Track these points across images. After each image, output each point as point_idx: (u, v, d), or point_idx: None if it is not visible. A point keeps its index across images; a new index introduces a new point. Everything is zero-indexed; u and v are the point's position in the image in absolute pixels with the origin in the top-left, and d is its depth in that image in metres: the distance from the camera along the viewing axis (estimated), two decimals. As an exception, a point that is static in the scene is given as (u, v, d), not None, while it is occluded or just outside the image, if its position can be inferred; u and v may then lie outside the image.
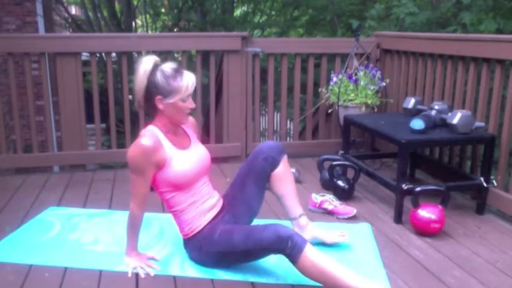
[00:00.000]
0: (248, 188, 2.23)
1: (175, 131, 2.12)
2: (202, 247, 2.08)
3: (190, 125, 2.23)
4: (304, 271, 1.87)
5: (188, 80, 2.00)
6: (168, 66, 2.01)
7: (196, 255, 2.15)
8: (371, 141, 3.97)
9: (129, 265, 2.13)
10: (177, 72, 2.00)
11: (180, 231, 2.17)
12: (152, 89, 1.99)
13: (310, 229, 2.34)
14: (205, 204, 2.14)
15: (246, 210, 2.25)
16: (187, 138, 2.18)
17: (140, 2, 8.88)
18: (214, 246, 2.05)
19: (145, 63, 2.00)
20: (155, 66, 2.00)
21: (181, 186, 2.07)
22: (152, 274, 2.08)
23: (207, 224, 2.12)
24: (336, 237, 2.34)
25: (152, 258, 2.20)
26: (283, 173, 2.27)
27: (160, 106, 2.01)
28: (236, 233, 2.02)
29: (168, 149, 2.03)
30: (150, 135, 2.01)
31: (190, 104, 2.05)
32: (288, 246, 1.85)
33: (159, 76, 1.98)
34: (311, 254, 1.85)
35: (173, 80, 1.98)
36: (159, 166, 2.02)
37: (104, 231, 2.52)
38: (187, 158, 2.08)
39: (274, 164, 2.25)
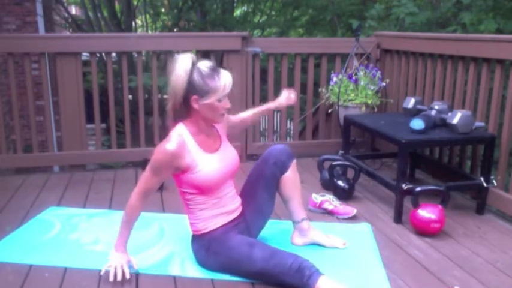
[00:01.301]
0: (259, 195, 2.21)
1: (207, 131, 2.06)
2: (211, 248, 2.06)
3: (223, 123, 2.19)
4: None
5: (226, 79, 1.93)
6: (205, 65, 1.93)
7: (202, 255, 2.11)
8: (371, 141, 3.97)
9: (110, 261, 2.04)
10: (215, 71, 1.93)
11: (191, 226, 2.13)
12: (189, 89, 1.91)
13: (311, 233, 2.34)
14: (225, 208, 2.11)
15: (258, 217, 2.24)
16: (218, 140, 2.12)
17: (140, 2, 8.88)
18: (229, 251, 2.02)
19: (184, 62, 1.90)
20: (193, 65, 1.92)
21: (205, 189, 2.03)
22: (120, 278, 1.99)
23: (221, 226, 2.09)
24: (336, 243, 2.34)
25: (131, 266, 2.09)
26: (292, 178, 2.25)
27: (195, 106, 1.93)
28: (258, 248, 1.99)
29: (194, 152, 1.98)
30: (177, 139, 1.95)
31: (226, 104, 1.98)
32: (305, 276, 1.84)
33: (196, 75, 1.90)
34: (326, 286, 1.83)
35: (211, 79, 1.91)
36: (182, 169, 1.97)
37: (104, 231, 2.52)
38: (214, 162, 2.02)
39: (284, 169, 2.22)
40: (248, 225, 2.19)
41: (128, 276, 2.02)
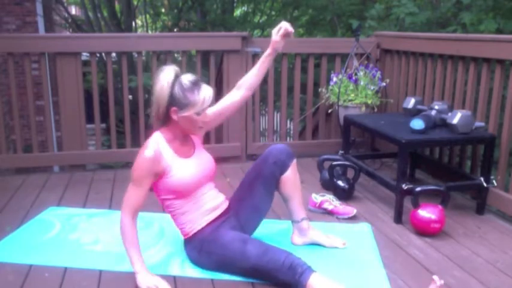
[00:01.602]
0: (256, 191, 2.22)
1: (182, 139, 2.10)
2: (203, 248, 2.08)
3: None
4: None
5: (205, 94, 1.97)
6: (187, 78, 1.98)
7: (195, 257, 2.13)
8: (371, 141, 3.97)
9: (145, 285, 1.95)
10: (195, 85, 1.97)
11: (181, 232, 2.16)
12: (170, 100, 1.95)
13: (311, 233, 2.35)
14: (206, 206, 2.13)
15: (253, 213, 2.24)
16: (192, 147, 2.16)
17: (140, 2, 8.88)
18: (222, 249, 2.03)
19: (168, 74, 1.95)
20: (176, 77, 1.97)
21: (181, 193, 2.06)
22: None
23: (208, 225, 2.11)
24: (336, 243, 2.35)
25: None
26: (292, 177, 2.27)
27: (174, 117, 1.98)
28: (251, 245, 2.00)
29: (169, 158, 2.02)
30: (153, 145, 2.00)
31: (205, 118, 2.02)
32: (297, 273, 1.86)
33: (177, 88, 1.95)
34: (317, 283, 1.85)
35: (191, 93, 1.95)
36: (159, 175, 2.02)
37: (104, 231, 2.52)
38: (188, 166, 2.06)
39: (284, 168, 2.23)
40: (241, 221, 2.20)
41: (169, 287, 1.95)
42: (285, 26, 2.20)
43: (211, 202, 2.15)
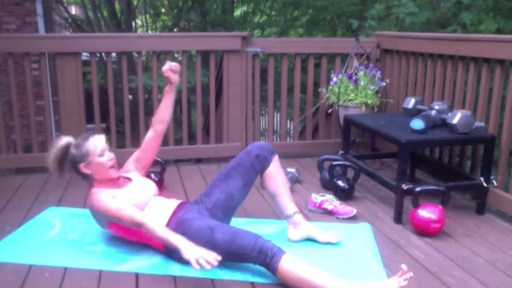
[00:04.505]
0: (233, 179, 2.30)
1: (112, 184, 2.30)
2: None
3: (128, 172, 2.46)
4: (283, 281, 1.94)
5: (93, 139, 2.25)
6: (78, 138, 2.28)
7: (180, 259, 2.10)
8: (371, 141, 3.97)
9: (192, 256, 1.89)
10: (83, 139, 2.26)
11: (159, 248, 2.22)
12: (73, 162, 2.26)
13: (304, 227, 2.37)
14: (158, 213, 2.22)
15: (226, 198, 2.29)
16: (127, 181, 2.37)
17: (140, 2, 8.88)
18: (194, 241, 1.98)
19: (60, 145, 2.28)
20: (66, 145, 2.28)
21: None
22: (209, 267, 1.86)
23: (168, 223, 2.17)
24: (330, 238, 2.36)
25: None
26: (275, 172, 2.36)
27: (87, 171, 2.26)
28: (219, 232, 2.03)
29: (112, 192, 2.22)
30: (94, 192, 2.23)
31: (109, 157, 2.25)
32: (268, 256, 1.92)
33: (71, 151, 2.26)
34: (287, 266, 1.91)
35: (82, 146, 2.24)
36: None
37: (104, 231, 2.52)
38: (128, 191, 2.26)
39: (266, 163, 2.34)
40: (207, 203, 2.28)
41: (218, 258, 1.90)
42: (169, 64, 2.38)
43: (162, 208, 2.25)
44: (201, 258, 1.87)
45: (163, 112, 2.48)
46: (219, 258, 1.88)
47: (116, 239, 2.40)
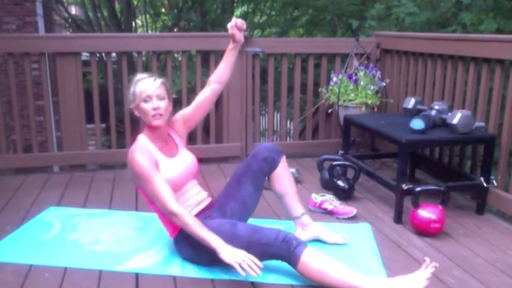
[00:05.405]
0: (244, 186, 2.26)
1: (162, 138, 2.19)
2: (193, 243, 2.03)
3: (178, 131, 2.31)
4: (304, 274, 1.92)
5: (144, 82, 2.10)
6: (139, 77, 2.16)
7: (188, 254, 2.14)
8: (371, 141, 3.97)
9: (233, 259, 1.86)
10: (139, 79, 2.13)
11: (169, 233, 2.20)
12: (127, 101, 2.17)
13: (312, 228, 2.36)
14: (190, 201, 2.19)
15: (240, 207, 2.26)
16: (174, 146, 2.24)
17: (140, 2, 8.87)
18: (215, 233, 1.99)
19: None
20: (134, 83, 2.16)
21: None
22: (255, 274, 1.83)
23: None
24: (337, 239, 2.37)
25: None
26: (283, 173, 2.32)
27: (136, 113, 2.16)
28: (241, 225, 2.05)
29: (156, 153, 2.12)
30: (139, 146, 2.10)
31: (153, 105, 2.09)
32: (292, 246, 1.90)
33: (130, 87, 2.15)
34: (311, 257, 1.89)
35: (133, 87, 2.12)
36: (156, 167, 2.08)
37: (104, 231, 2.52)
38: (173, 165, 2.14)
39: (274, 165, 2.30)
40: (226, 215, 2.23)
41: (260, 264, 1.87)
42: (235, 20, 2.27)
43: (195, 197, 2.23)
44: (244, 263, 1.84)
45: (224, 72, 2.36)
46: (261, 265, 1.85)
47: (116, 239, 2.41)
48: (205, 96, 2.35)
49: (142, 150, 2.07)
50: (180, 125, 2.32)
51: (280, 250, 1.92)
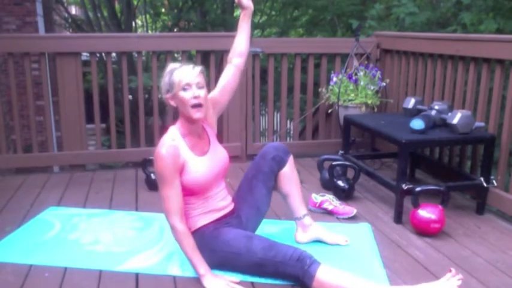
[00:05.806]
0: (257, 189, 2.24)
1: (196, 132, 2.10)
2: (206, 245, 2.05)
3: (209, 120, 2.22)
4: None
5: (182, 70, 2.01)
6: (176, 66, 2.05)
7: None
8: (371, 141, 3.97)
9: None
10: (175, 68, 2.03)
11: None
12: (163, 91, 2.05)
13: (313, 229, 2.36)
14: (215, 206, 2.14)
15: (255, 213, 2.26)
16: (207, 142, 2.16)
17: (140, 2, 8.87)
18: (227, 245, 2.03)
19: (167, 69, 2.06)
20: (170, 72, 2.05)
21: (195, 191, 2.07)
22: None
23: (212, 222, 2.11)
24: (339, 240, 2.36)
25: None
26: (290, 173, 2.31)
27: (172, 103, 2.04)
28: (258, 240, 2.03)
29: (185, 153, 2.03)
30: (168, 142, 2.01)
31: (193, 94, 1.99)
32: (306, 264, 1.89)
33: (165, 78, 2.05)
34: (326, 274, 1.88)
35: (170, 75, 2.02)
36: (180, 171, 2.02)
37: (104, 231, 2.52)
38: (203, 165, 2.06)
39: (282, 163, 2.28)
40: (242, 222, 2.21)
41: None
42: None
43: (220, 202, 2.17)
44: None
45: (241, 44, 2.28)
46: None
47: (116, 239, 2.41)
48: (231, 73, 2.28)
49: (170, 149, 1.97)
50: (210, 112, 2.21)
51: (294, 269, 1.92)
